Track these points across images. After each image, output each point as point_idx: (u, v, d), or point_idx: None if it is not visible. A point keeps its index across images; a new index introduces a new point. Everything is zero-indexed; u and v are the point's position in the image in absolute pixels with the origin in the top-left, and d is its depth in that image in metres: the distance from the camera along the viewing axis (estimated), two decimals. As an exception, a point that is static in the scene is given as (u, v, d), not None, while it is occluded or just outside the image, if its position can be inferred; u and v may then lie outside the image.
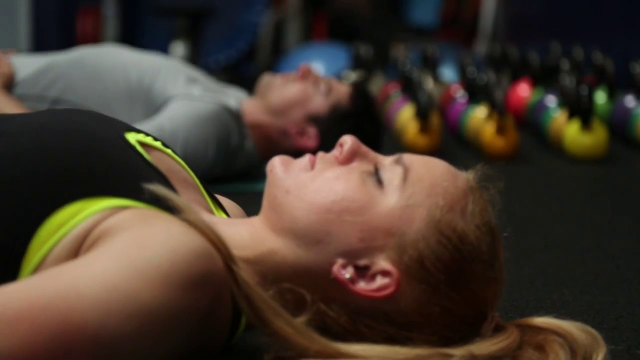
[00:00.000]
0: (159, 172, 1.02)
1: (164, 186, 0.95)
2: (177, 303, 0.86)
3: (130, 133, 1.06)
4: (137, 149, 1.03)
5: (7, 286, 0.84)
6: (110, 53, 2.39)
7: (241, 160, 2.40)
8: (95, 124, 1.04)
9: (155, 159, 1.07)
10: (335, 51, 5.05)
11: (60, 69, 2.33)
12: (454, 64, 4.26)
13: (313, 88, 2.36)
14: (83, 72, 2.34)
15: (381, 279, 0.96)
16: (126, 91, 2.33)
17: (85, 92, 2.32)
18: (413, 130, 3.10)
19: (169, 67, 2.38)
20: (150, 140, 1.09)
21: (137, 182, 0.96)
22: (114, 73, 2.34)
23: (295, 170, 1.00)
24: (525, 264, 1.70)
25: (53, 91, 2.32)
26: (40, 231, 0.90)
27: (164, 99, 2.31)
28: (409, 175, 0.99)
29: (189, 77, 2.38)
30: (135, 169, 0.99)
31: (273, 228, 0.99)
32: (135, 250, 0.87)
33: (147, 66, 2.36)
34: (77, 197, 0.92)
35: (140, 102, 2.33)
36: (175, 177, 1.08)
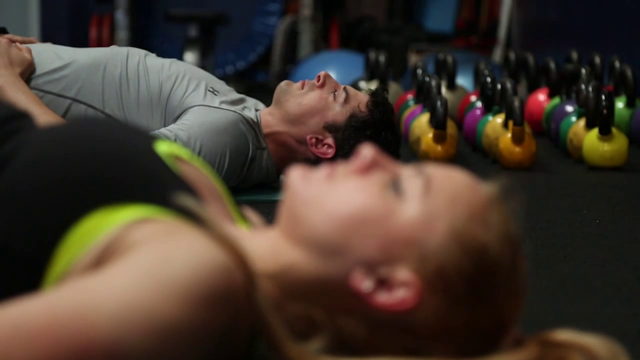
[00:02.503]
0: (187, 183, 1.02)
1: (191, 197, 0.95)
2: (197, 320, 0.85)
3: (159, 143, 1.06)
4: (165, 160, 1.03)
5: (27, 300, 0.83)
6: (133, 57, 2.38)
7: (257, 171, 2.39)
8: (123, 133, 1.05)
9: (184, 170, 1.06)
10: (350, 59, 5.04)
11: (82, 70, 2.32)
12: (470, 72, 4.24)
13: (331, 96, 2.34)
14: (104, 75, 2.33)
15: (402, 290, 0.94)
16: (146, 98, 2.32)
17: (104, 96, 2.31)
18: (429, 139, 3.07)
19: (191, 76, 2.37)
20: (179, 151, 1.09)
21: (165, 191, 0.96)
22: (136, 78, 2.33)
23: (314, 180, 0.99)
24: (544, 275, 1.69)
25: (72, 91, 2.31)
26: (65, 239, 0.91)
27: (182, 109, 2.30)
28: (430, 186, 0.97)
29: (211, 86, 2.37)
30: (163, 179, 0.99)
31: (292, 239, 0.97)
32: (157, 265, 0.86)
33: (169, 73, 2.35)
34: (103, 205, 0.92)
35: (160, 109, 2.32)
36: (203, 188, 1.07)
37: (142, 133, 1.09)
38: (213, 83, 2.41)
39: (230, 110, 2.32)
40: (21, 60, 2.28)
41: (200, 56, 5.10)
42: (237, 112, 2.33)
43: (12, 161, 0.95)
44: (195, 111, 2.29)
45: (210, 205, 1.05)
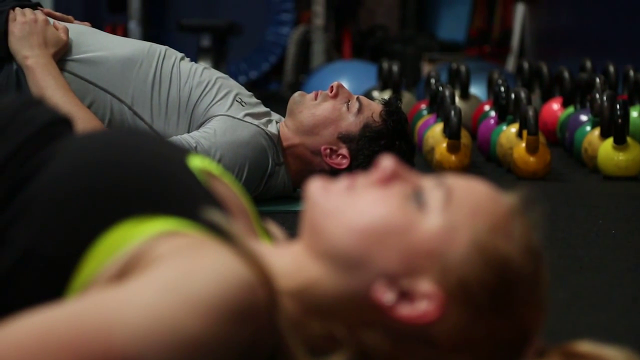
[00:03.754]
0: (216, 198, 1.02)
1: (220, 212, 0.95)
2: (219, 335, 0.85)
3: (192, 158, 1.06)
4: (197, 174, 1.03)
5: (51, 309, 0.83)
6: (170, 58, 2.35)
7: (274, 186, 2.38)
8: (157, 146, 1.05)
9: (213, 186, 1.06)
10: (363, 69, 5.04)
11: (116, 63, 2.28)
12: (483, 81, 4.23)
13: (344, 106, 2.34)
14: (137, 73, 2.30)
15: (424, 303, 0.93)
16: (176, 101, 2.31)
17: (135, 93, 2.29)
18: (442, 148, 3.07)
19: (222, 85, 2.36)
20: (211, 166, 1.09)
21: (194, 205, 0.96)
22: (167, 81, 2.32)
23: (334, 192, 0.98)
24: (560, 286, 1.68)
25: (103, 81, 2.27)
26: (93, 248, 0.91)
27: (207, 116, 2.30)
28: (451, 197, 0.97)
29: (238, 98, 2.36)
30: (193, 193, 0.99)
31: (313, 252, 0.97)
32: (181, 280, 0.86)
33: (201, 80, 2.35)
34: (132, 216, 0.93)
35: (187, 114, 2.31)
36: (231, 204, 1.07)
37: (174, 146, 1.09)
38: (242, 94, 2.40)
39: (253, 124, 2.31)
40: (56, 40, 2.24)
41: (213, 66, 5.11)
42: (260, 126, 2.32)
43: (46, 167, 0.96)
44: (219, 120, 2.29)
45: (238, 221, 1.05)
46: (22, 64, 2.20)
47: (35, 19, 2.24)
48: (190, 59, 2.46)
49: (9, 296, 0.89)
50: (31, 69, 2.18)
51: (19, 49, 2.21)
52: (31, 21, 2.23)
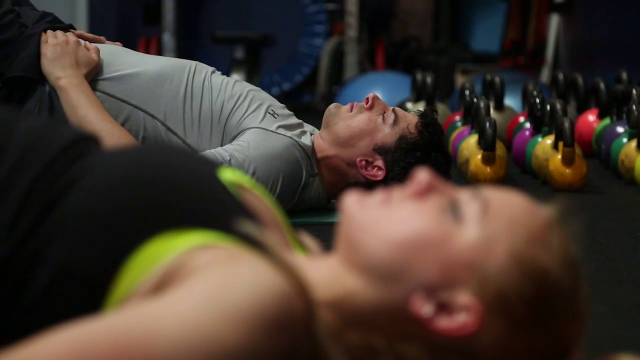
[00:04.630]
0: (249, 210, 1.02)
1: (253, 224, 0.95)
2: (257, 346, 0.85)
3: (223, 171, 1.06)
4: (228, 187, 1.04)
5: (90, 322, 0.83)
6: (201, 73, 2.37)
7: (308, 198, 2.37)
8: (188, 159, 1.05)
9: (246, 198, 1.06)
10: (396, 80, 5.03)
11: (148, 80, 2.30)
12: (517, 92, 4.21)
13: (380, 118, 2.33)
14: (169, 88, 2.32)
15: (462, 315, 0.93)
16: (208, 114, 2.32)
17: (167, 109, 2.30)
18: (477, 160, 3.05)
19: (253, 97, 2.36)
20: (242, 179, 1.09)
21: (227, 218, 0.96)
22: (200, 95, 2.33)
23: (369, 205, 0.98)
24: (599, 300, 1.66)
25: (136, 99, 2.28)
26: (128, 263, 0.91)
27: (240, 128, 2.30)
28: (488, 209, 0.96)
29: (271, 110, 2.36)
30: (225, 206, 1.00)
31: (350, 265, 0.97)
32: (219, 291, 0.86)
33: (233, 93, 2.35)
34: (166, 230, 0.93)
35: (219, 128, 2.32)
36: (263, 216, 1.07)
37: (206, 160, 1.10)
38: (274, 106, 2.41)
39: (286, 136, 2.31)
40: (88, 61, 2.26)
41: (246, 77, 5.13)
42: (294, 138, 2.32)
43: (78, 185, 0.96)
44: (252, 133, 2.29)
45: (271, 233, 1.05)
46: (55, 85, 2.23)
47: (66, 41, 2.27)
48: (221, 72, 2.46)
49: (46, 313, 0.89)
50: (64, 90, 2.21)
51: (51, 71, 2.23)
52: (63, 43, 2.26)
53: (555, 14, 5.78)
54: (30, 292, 0.90)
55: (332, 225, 2.20)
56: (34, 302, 0.90)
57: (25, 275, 0.91)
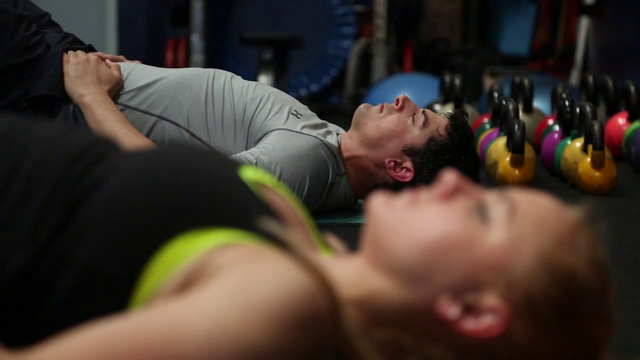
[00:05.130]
0: (271, 209, 1.03)
1: (276, 223, 0.95)
2: (283, 344, 0.85)
3: (245, 170, 1.07)
4: (250, 186, 1.04)
5: (114, 322, 0.84)
6: (220, 78, 2.39)
7: (336, 197, 2.37)
8: (209, 159, 1.06)
9: (268, 197, 1.07)
10: (424, 82, 5.02)
11: (169, 88, 2.33)
12: (546, 95, 4.18)
13: (409, 119, 2.33)
14: (191, 93, 2.34)
15: (489, 317, 0.93)
16: (231, 119, 2.33)
17: (190, 114, 2.32)
18: (506, 162, 3.04)
19: (275, 99, 2.37)
20: (264, 178, 1.10)
21: (250, 217, 0.96)
22: (221, 99, 2.34)
23: (396, 207, 0.98)
24: (629, 304, 1.65)
25: (158, 109, 2.32)
26: (152, 263, 0.91)
27: (264, 132, 2.30)
28: (515, 211, 0.96)
29: (294, 111, 2.37)
30: (248, 205, 1.00)
31: (376, 266, 0.97)
32: (244, 290, 0.86)
33: (254, 96, 2.36)
34: (189, 230, 0.93)
35: (243, 131, 2.33)
36: (286, 215, 1.08)
37: (227, 159, 1.10)
38: (297, 107, 2.41)
39: (311, 136, 2.31)
40: (110, 77, 2.30)
41: (274, 79, 5.13)
42: (319, 137, 2.32)
43: (100, 188, 0.96)
44: (277, 135, 2.29)
45: (295, 232, 1.05)
46: (79, 103, 2.27)
47: (87, 59, 2.32)
48: (242, 77, 2.48)
49: (72, 315, 0.89)
50: (88, 106, 2.25)
51: (74, 89, 2.28)
52: (84, 61, 2.31)
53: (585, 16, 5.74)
54: (56, 295, 0.91)
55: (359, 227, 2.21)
56: (60, 304, 0.91)
57: (51, 279, 0.91)
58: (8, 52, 2.26)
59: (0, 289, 0.91)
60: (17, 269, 0.91)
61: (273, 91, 2.42)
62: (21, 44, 2.28)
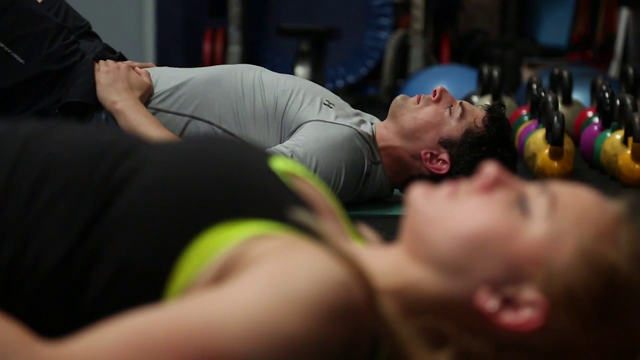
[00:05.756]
0: (303, 199, 1.02)
1: (308, 213, 0.95)
2: (319, 334, 0.85)
3: (275, 161, 1.07)
4: (281, 177, 1.04)
5: (149, 312, 0.84)
6: (248, 72, 2.40)
7: (372, 186, 2.37)
8: (239, 150, 1.06)
9: (299, 187, 1.07)
10: (461, 74, 4.99)
11: (198, 87, 2.36)
12: (585, 86, 4.14)
13: (447, 111, 2.32)
14: (220, 90, 2.36)
15: (528, 310, 0.92)
16: (262, 112, 2.34)
17: (221, 111, 2.34)
18: (545, 155, 3.02)
19: (306, 91, 2.37)
20: (295, 168, 1.10)
21: (282, 208, 0.96)
22: (251, 93, 2.35)
23: (436, 199, 0.98)
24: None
25: (189, 109, 2.35)
26: (186, 255, 0.91)
27: (298, 123, 2.31)
28: (556, 204, 0.96)
29: (325, 101, 2.37)
30: (279, 196, 1.00)
31: (414, 257, 0.97)
32: (278, 279, 0.86)
33: (284, 88, 2.37)
34: (222, 221, 0.93)
35: (275, 125, 2.33)
36: (318, 205, 1.07)
37: (257, 150, 1.10)
38: (328, 96, 2.41)
39: (345, 125, 2.31)
40: (140, 84, 2.34)
41: (311, 70, 5.13)
42: (353, 126, 2.32)
43: (131, 182, 0.96)
44: (310, 126, 2.29)
45: (327, 222, 1.05)
46: (112, 110, 2.31)
47: (117, 67, 2.36)
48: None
49: (107, 309, 0.90)
50: (121, 112, 2.28)
51: (106, 96, 2.31)
52: (114, 69, 2.35)
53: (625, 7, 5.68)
54: (91, 290, 0.91)
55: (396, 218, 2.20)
56: (95, 299, 0.91)
57: (86, 274, 0.92)
58: (45, 58, 2.31)
59: (37, 286, 0.91)
60: (52, 266, 0.92)
61: (303, 83, 2.43)
62: (59, 52, 2.34)
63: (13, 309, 0.90)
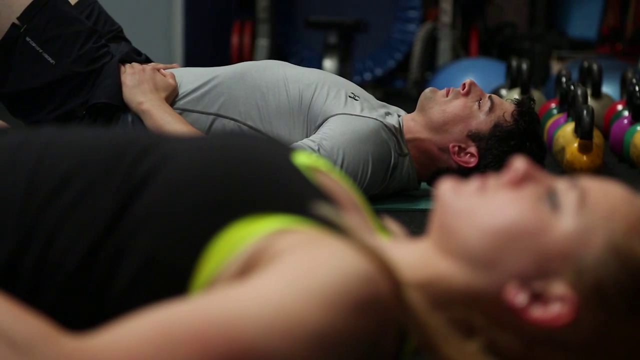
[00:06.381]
0: (326, 194, 1.02)
1: (331, 207, 0.95)
2: (345, 327, 0.85)
3: (297, 155, 1.07)
4: (303, 171, 1.04)
5: (174, 305, 0.84)
6: (272, 68, 2.41)
7: (399, 178, 2.37)
8: (262, 145, 1.06)
9: (322, 182, 1.07)
10: (490, 67, 4.97)
11: (222, 85, 2.38)
12: (615, 80, 4.11)
13: (475, 104, 2.31)
14: (244, 87, 2.37)
15: (557, 305, 0.92)
16: (287, 107, 2.34)
17: (245, 108, 2.35)
18: (574, 148, 3.00)
19: (331, 84, 2.38)
20: (317, 162, 1.10)
21: (305, 202, 0.96)
22: (275, 88, 2.36)
23: (465, 193, 0.98)
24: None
25: (214, 107, 2.37)
26: (209, 249, 0.92)
27: (324, 117, 2.31)
28: (586, 199, 0.95)
29: (350, 93, 2.37)
30: (302, 190, 1.00)
31: (442, 251, 0.97)
32: (303, 273, 0.86)
33: (309, 82, 2.37)
34: (245, 216, 0.93)
35: (301, 119, 2.34)
36: (342, 199, 1.07)
37: (280, 145, 1.10)
38: (353, 89, 2.41)
39: (371, 118, 2.31)
40: (165, 85, 2.37)
41: (339, 63, 5.12)
42: (379, 119, 2.32)
43: (154, 178, 0.97)
44: (337, 120, 2.29)
45: (351, 215, 1.05)
46: (138, 110, 2.32)
47: (143, 69, 2.38)
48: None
49: (132, 304, 0.90)
50: (147, 112, 2.30)
51: (132, 97, 2.34)
52: (140, 71, 2.37)
53: (656, -1, 5.63)
54: (116, 286, 0.92)
55: (424, 212, 2.20)
56: (120, 294, 0.92)
57: (111, 270, 0.92)
58: (75, 60, 2.33)
59: (62, 283, 0.92)
60: (76, 263, 0.92)
61: (327, 76, 2.43)
62: (89, 55, 2.36)
63: (39, 306, 0.90)
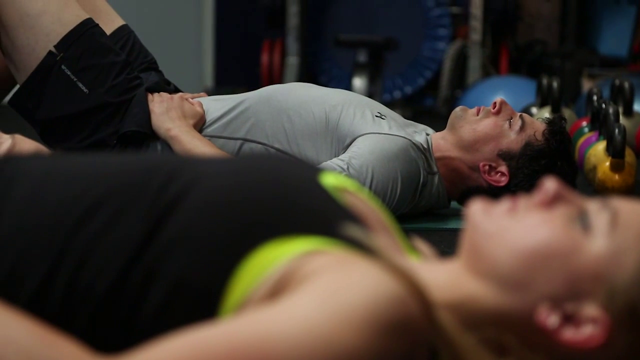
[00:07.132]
0: (354, 214, 1.02)
1: (360, 228, 0.95)
2: (375, 349, 0.84)
3: (325, 176, 1.07)
4: (331, 192, 1.04)
5: (206, 328, 0.84)
6: (297, 90, 2.42)
7: (429, 196, 2.37)
8: (288, 168, 1.06)
9: (350, 202, 1.06)
10: (520, 85, 4.95)
11: (249, 110, 2.40)
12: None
13: (506, 123, 2.31)
14: (270, 110, 2.38)
15: (589, 327, 0.92)
16: (313, 129, 2.35)
17: (272, 131, 2.36)
18: (605, 167, 2.98)
19: (356, 104, 2.38)
20: (345, 183, 1.10)
21: (333, 223, 0.96)
22: (301, 110, 2.37)
23: (496, 214, 0.97)
24: None
25: (241, 132, 2.39)
26: (239, 272, 0.92)
27: (352, 137, 2.31)
28: (617, 220, 0.95)
29: (377, 113, 2.37)
30: (331, 211, 1.00)
31: (473, 272, 0.96)
32: (334, 294, 0.86)
33: (334, 103, 2.37)
34: (274, 238, 0.93)
35: (328, 140, 2.34)
36: (370, 220, 1.07)
37: (307, 166, 1.10)
38: (379, 108, 2.41)
39: (400, 136, 2.31)
40: (193, 112, 2.40)
41: (369, 81, 5.13)
42: (407, 137, 2.32)
43: (183, 201, 0.97)
44: (365, 139, 2.30)
45: (379, 236, 1.05)
46: (167, 137, 2.35)
47: (171, 97, 2.42)
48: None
49: (163, 327, 0.90)
50: (176, 138, 2.33)
51: (161, 124, 2.37)
52: (168, 99, 2.41)
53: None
54: (146, 309, 0.92)
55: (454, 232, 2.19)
56: (150, 317, 0.92)
57: (140, 294, 0.92)
58: (108, 90, 2.37)
59: (93, 306, 0.92)
60: (107, 287, 0.92)
61: (352, 96, 2.44)
62: (121, 85, 2.39)
63: (70, 330, 0.91)
